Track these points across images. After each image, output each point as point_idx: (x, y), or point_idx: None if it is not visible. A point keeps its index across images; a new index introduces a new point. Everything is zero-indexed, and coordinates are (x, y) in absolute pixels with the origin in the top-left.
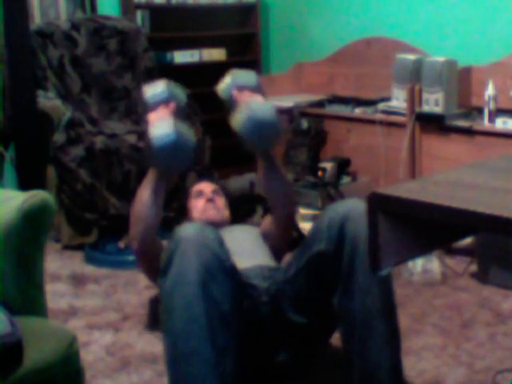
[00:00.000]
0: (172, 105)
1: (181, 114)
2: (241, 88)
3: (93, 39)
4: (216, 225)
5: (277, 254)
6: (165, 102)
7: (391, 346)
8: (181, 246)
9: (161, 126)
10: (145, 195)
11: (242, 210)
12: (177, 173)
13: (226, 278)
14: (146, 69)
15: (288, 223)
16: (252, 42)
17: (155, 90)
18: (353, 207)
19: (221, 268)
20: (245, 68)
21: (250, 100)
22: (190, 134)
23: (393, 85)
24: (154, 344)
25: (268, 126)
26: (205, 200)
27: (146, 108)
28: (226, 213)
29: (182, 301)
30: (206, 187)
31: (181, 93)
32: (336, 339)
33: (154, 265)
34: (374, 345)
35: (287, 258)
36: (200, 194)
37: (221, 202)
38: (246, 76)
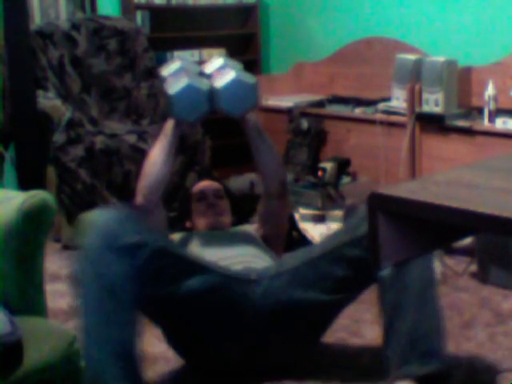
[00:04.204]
0: None
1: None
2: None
3: (93, 39)
4: (217, 228)
5: (277, 240)
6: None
7: (441, 312)
8: (85, 224)
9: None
10: (154, 152)
11: (242, 210)
12: (195, 120)
13: (124, 254)
14: (146, 69)
15: (283, 190)
16: (252, 42)
17: (172, 66)
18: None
19: (109, 245)
20: (245, 68)
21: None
22: (204, 83)
23: (393, 85)
24: (154, 344)
25: (249, 89)
26: (206, 205)
27: (163, 83)
28: (227, 216)
29: (79, 270)
30: (208, 189)
31: (195, 66)
32: (336, 339)
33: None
34: (429, 310)
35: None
36: (202, 197)
37: (223, 205)
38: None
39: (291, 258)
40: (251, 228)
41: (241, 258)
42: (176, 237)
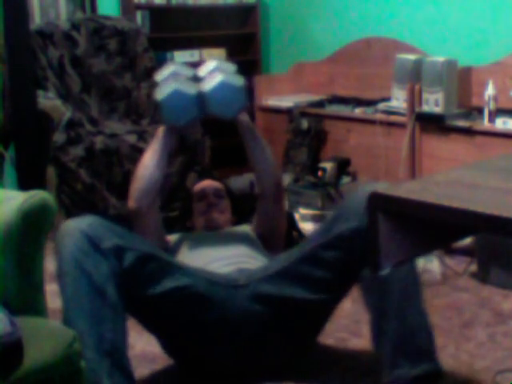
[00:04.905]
0: None
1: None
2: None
3: (93, 39)
4: (217, 228)
5: (275, 240)
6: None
7: (426, 310)
8: (62, 230)
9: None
10: (146, 156)
11: (242, 210)
12: (185, 124)
13: (101, 255)
14: (146, 69)
15: (277, 192)
16: (252, 42)
17: (165, 71)
18: (378, 186)
19: (93, 247)
20: (245, 68)
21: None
22: (192, 87)
23: (393, 85)
24: (154, 344)
25: (236, 91)
26: (207, 204)
27: (155, 88)
28: (228, 216)
29: (64, 273)
30: (208, 188)
31: (188, 70)
32: (336, 339)
33: (149, 238)
34: (413, 310)
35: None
36: (202, 196)
37: (224, 204)
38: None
39: (276, 261)
40: (249, 228)
41: (234, 258)
42: (173, 238)
